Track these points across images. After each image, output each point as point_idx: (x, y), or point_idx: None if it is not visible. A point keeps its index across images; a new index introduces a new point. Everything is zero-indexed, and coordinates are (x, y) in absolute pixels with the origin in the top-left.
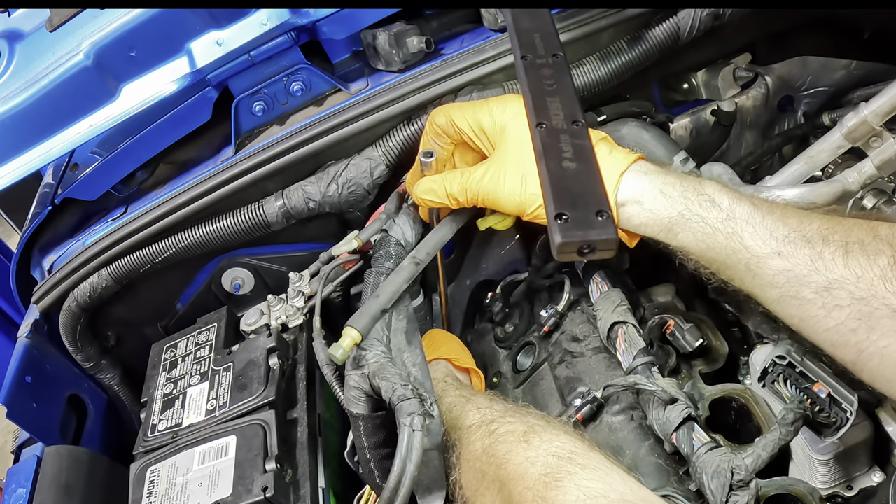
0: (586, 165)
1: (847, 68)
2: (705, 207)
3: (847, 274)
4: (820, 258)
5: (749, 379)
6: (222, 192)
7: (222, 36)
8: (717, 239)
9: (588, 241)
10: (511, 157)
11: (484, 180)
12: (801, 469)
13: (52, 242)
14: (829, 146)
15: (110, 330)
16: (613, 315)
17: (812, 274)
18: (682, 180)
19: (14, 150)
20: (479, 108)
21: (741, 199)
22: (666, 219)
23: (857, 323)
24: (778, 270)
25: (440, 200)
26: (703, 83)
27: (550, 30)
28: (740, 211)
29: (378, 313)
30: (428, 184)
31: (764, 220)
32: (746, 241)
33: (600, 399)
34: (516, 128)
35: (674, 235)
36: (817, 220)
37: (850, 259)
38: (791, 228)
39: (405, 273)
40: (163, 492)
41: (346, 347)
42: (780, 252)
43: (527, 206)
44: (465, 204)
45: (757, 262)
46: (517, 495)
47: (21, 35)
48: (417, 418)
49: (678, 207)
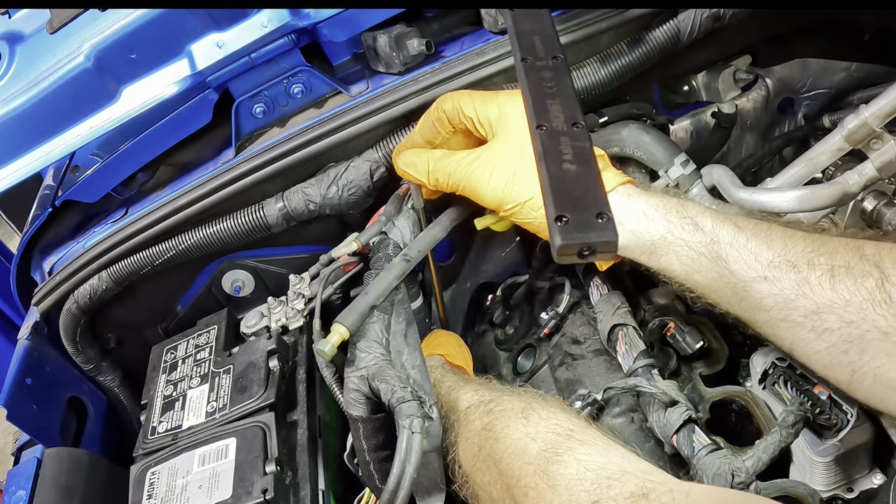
0: (586, 168)
1: (847, 70)
2: (688, 231)
3: (835, 298)
4: (806, 283)
5: (750, 381)
6: (223, 195)
7: (223, 38)
8: (701, 263)
9: (588, 243)
10: (506, 151)
11: (472, 166)
12: (802, 471)
13: (53, 244)
14: (830, 148)
15: (110, 332)
16: (614, 317)
17: (800, 298)
18: (664, 202)
19: (14, 152)
20: (489, 99)
21: (724, 222)
22: (648, 241)
23: (849, 345)
24: (765, 294)
25: (418, 177)
26: (703, 85)
27: (551, 32)
28: (724, 234)
29: (367, 310)
30: (411, 156)
31: (748, 243)
32: (731, 266)
33: (601, 401)
34: (519, 125)
35: (657, 258)
36: (801, 242)
37: (836, 283)
38: (776, 252)
39: (395, 270)
40: (163, 494)
41: (334, 343)
42: (765, 277)
43: (506, 202)
44: (442, 187)
45: (744, 286)
46: (517, 469)
47: (21, 37)
48: (416, 420)
49: (661, 230)
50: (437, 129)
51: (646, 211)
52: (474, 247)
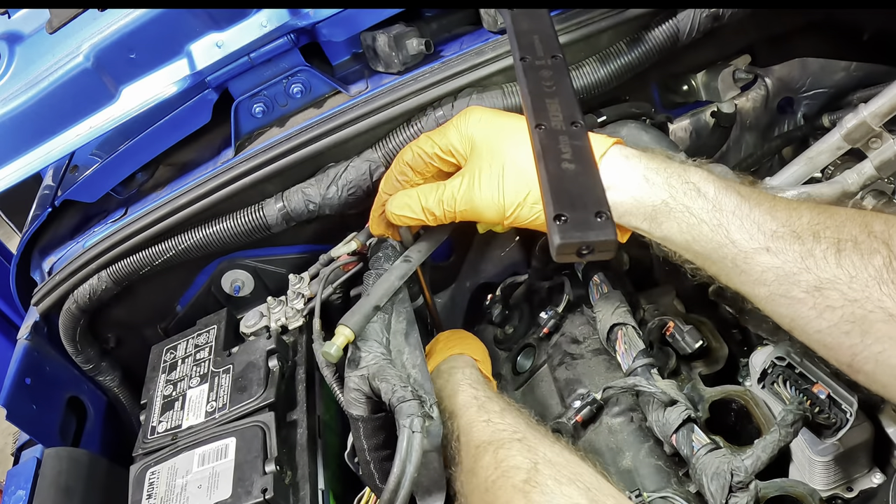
0: (585, 167)
1: (847, 70)
2: (690, 196)
3: (839, 273)
4: (811, 256)
5: (749, 380)
6: (222, 194)
7: (222, 38)
8: (702, 231)
9: (587, 243)
10: (483, 162)
11: (461, 190)
12: (802, 470)
13: (52, 244)
14: (829, 147)
15: (110, 332)
16: (613, 317)
17: (802, 272)
18: (666, 166)
19: (14, 152)
20: (444, 128)
21: (728, 189)
22: (649, 206)
23: (850, 326)
24: (766, 267)
25: (416, 216)
26: (702, 85)
27: (550, 31)
28: (727, 202)
29: (371, 311)
30: (402, 198)
31: (752, 212)
32: (733, 235)
33: (600, 401)
34: (483, 133)
35: (657, 225)
36: (807, 214)
37: (842, 258)
38: (780, 223)
39: (397, 272)
40: (162, 493)
41: (340, 345)
42: (768, 248)
43: (506, 209)
44: (442, 219)
45: (744, 257)
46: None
47: (21, 37)
48: (417, 420)
49: (662, 195)
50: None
51: (646, 175)
52: (473, 247)
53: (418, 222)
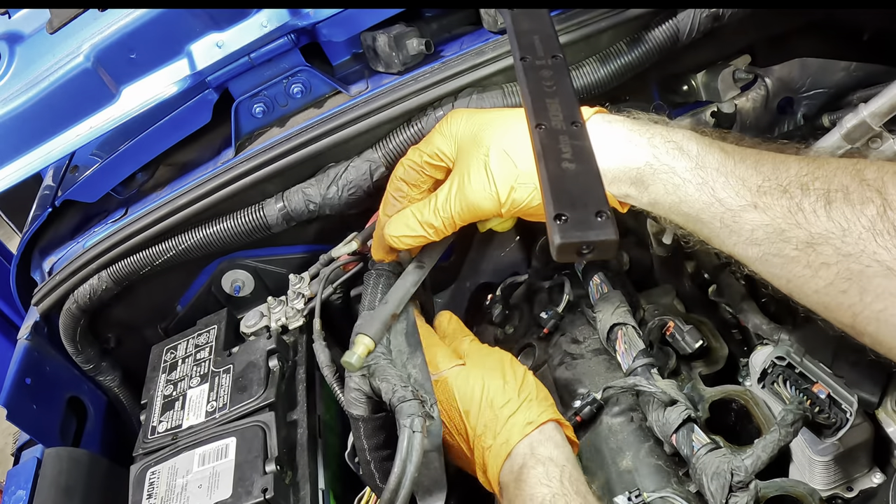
0: (586, 166)
1: (846, 70)
2: (673, 156)
3: (831, 227)
4: (799, 210)
5: (749, 380)
6: (222, 195)
7: (222, 38)
8: (687, 191)
9: (587, 242)
10: (470, 157)
11: (453, 192)
12: (802, 470)
13: (53, 244)
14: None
15: (110, 332)
16: (613, 316)
17: (793, 228)
18: (647, 127)
19: (14, 152)
20: (429, 136)
21: (711, 146)
22: (634, 169)
23: (847, 283)
24: (756, 225)
25: (416, 234)
26: (702, 85)
27: (550, 31)
28: (710, 159)
29: (389, 319)
30: (398, 220)
31: (736, 168)
32: (719, 193)
33: (600, 401)
34: (465, 130)
35: (644, 189)
36: (795, 166)
37: (832, 210)
38: (765, 176)
39: (411, 277)
40: (163, 493)
41: (361, 355)
42: (755, 204)
43: (500, 195)
44: (444, 229)
45: (732, 216)
46: None
47: (21, 37)
48: (417, 420)
49: (645, 156)
50: (400, 201)
51: (628, 136)
52: (474, 247)
53: (420, 240)
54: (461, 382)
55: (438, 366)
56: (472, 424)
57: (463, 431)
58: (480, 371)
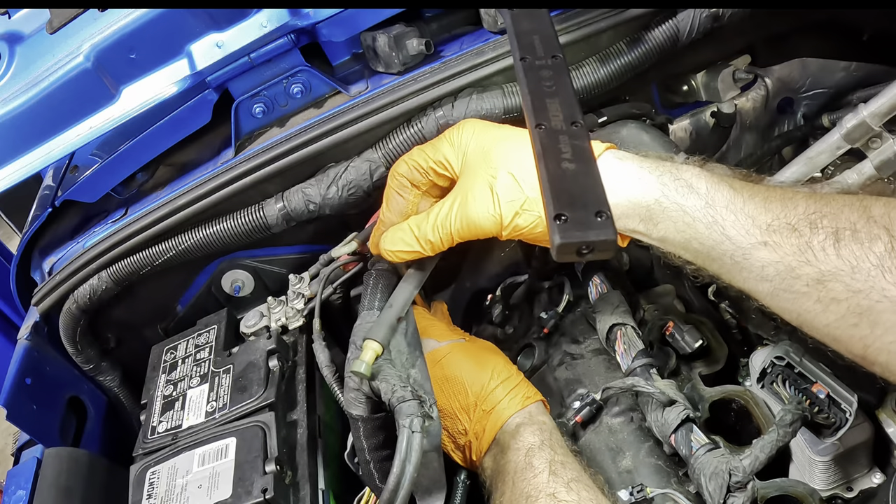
0: (585, 166)
1: (846, 70)
2: (682, 194)
3: (840, 264)
4: (809, 248)
5: (749, 380)
6: (222, 195)
7: (222, 38)
8: (697, 229)
9: (587, 242)
10: (476, 175)
11: (455, 208)
12: (801, 470)
13: (53, 244)
14: (829, 147)
15: (110, 332)
16: (613, 316)
17: (803, 265)
18: (657, 165)
19: (14, 153)
20: (437, 141)
21: (720, 184)
22: (644, 207)
23: (858, 318)
24: (766, 262)
25: (411, 248)
26: (702, 85)
27: (550, 31)
28: (719, 197)
29: (394, 322)
30: (395, 233)
31: (745, 206)
32: (728, 231)
33: (599, 401)
34: (475, 145)
35: (654, 226)
36: (802, 203)
37: (841, 247)
38: (774, 215)
39: (414, 280)
40: (162, 493)
41: (369, 361)
42: (765, 242)
43: (503, 219)
44: (440, 245)
45: (742, 253)
46: None
47: (21, 37)
48: (417, 420)
49: (655, 194)
50: (404, 196)
51: (639, 174)
52: (474, 247)
53: (415, 255)
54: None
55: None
56: (474, 390)
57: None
58: (482, 347)
